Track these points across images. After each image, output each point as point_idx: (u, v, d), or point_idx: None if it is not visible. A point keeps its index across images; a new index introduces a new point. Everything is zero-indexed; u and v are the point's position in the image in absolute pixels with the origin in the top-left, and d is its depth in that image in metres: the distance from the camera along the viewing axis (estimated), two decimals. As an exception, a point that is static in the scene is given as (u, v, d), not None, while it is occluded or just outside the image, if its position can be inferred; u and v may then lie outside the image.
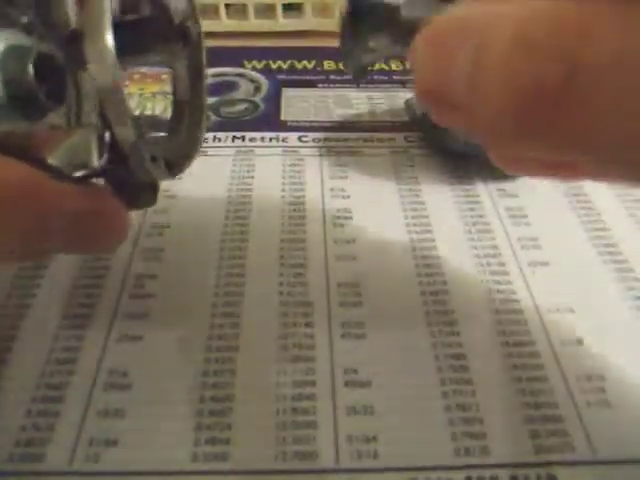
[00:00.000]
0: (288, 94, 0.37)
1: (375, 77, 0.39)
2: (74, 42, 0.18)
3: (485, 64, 0.10)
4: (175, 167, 0.19)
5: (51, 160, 0.15)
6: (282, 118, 0.34)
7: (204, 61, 0.21)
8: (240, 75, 0.38)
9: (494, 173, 0.29)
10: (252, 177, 0.29)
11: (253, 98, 0.36)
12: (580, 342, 0.21)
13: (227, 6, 0.43)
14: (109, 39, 0.14)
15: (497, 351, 0.21)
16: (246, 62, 0.40)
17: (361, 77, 0.29)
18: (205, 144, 0.31)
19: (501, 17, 0.10)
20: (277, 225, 0.26)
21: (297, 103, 0.36)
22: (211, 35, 0.44)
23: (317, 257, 0.25)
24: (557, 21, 0.09)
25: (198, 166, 0.30)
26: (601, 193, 0.28)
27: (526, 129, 0.10)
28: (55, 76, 0.17)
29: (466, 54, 0.10)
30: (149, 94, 0.36)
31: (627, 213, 0.27)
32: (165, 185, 0.29)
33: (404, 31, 0.23)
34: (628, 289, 0.23)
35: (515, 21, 0.09)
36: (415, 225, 0.26)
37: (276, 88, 0.37)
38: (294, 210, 0.27)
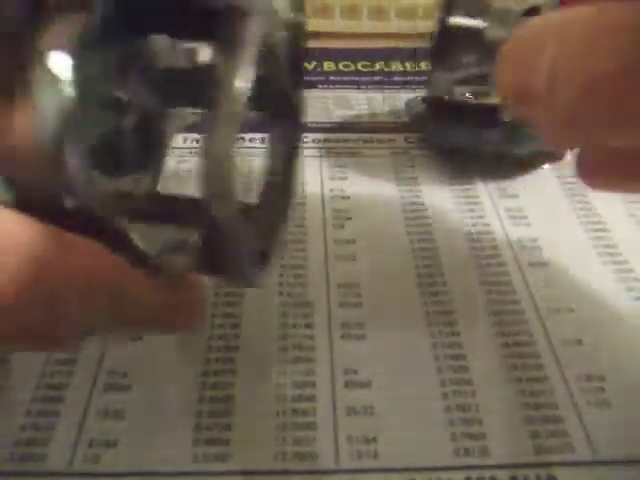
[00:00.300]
0: (288, 95, 0.37)
1: (375, 78, 0.39)
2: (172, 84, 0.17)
3: (563, 60, 0.11)
4: (263, 261, 0.17)
5: (139, 243, 0.14)
6: (282, 119, 0.34)
7: (301, 134, 0.20)
8: (240, 76, 0.38)
9: (494, 173, 0.29)
10: (252, 178, 0.29)
11: (253, 99, 0.36)
12: (580, 342, 0.21)
13: (227, 7, 0.43)
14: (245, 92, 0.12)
15: (497, 351, 0.21)
16: (246, 63, 0.40)
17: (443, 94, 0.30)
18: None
19: (576, 20, 0.11)
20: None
21: (297, 104, 0.36)
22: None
23: (317, 257, 0.25)
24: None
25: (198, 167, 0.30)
26: (601, 194, 0.28)
27: (609, 110, 0.11)
28: (148, 135, 0.17)
29: (547, 50, 0.11)
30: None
31: (627, 213, 0.27)
32: (164, 185, 0.29)
33: (488, 51, 0.24)
34: (628, 289, 0.23)
35: (587, 19, 0.11)
36: (415, 225, 0.26)
37: (276, 89, 0.37)
38: (294, 210, 0.27)
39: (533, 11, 0.25)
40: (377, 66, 0.40)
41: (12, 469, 0.18)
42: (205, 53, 0.16)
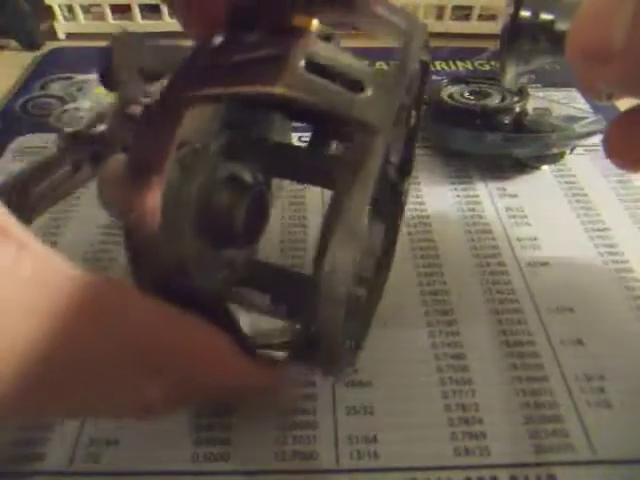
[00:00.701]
0: (288, 94, 0.36)
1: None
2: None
3: None
4: (354, 351, 0.18)
5: (245, 329, 0.14)
6: (282, 118, 0.34)
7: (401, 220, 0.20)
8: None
9: (494, 174, 0.29)
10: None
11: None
12: (580, 342, 0.21)
13: (227, 6, 0.43)
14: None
15: (497, 351, 0.21)
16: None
17: (513, 86, 0.30)
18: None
19: None
20: (277, 225, 0.26)
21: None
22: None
23: (317, 257, 0.25)
24: None
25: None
26: (601, 193, 0.28)
27: None
28: (257, 208, 0.17)
29: (626, 9, 0.11)
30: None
31: (627, 213, 0.27)
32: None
33: (558, 43, 0.24)
34: (628, 289, 0.23)
35: None
36: (415, 225, 0.26)
37: (276, 88, 0.37)
38: (294, 210, 0.27)
39: None
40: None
41: (12, 469, 0.18)
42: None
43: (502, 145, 0.28)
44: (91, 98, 0.35)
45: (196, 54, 0.14)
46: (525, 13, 0.25)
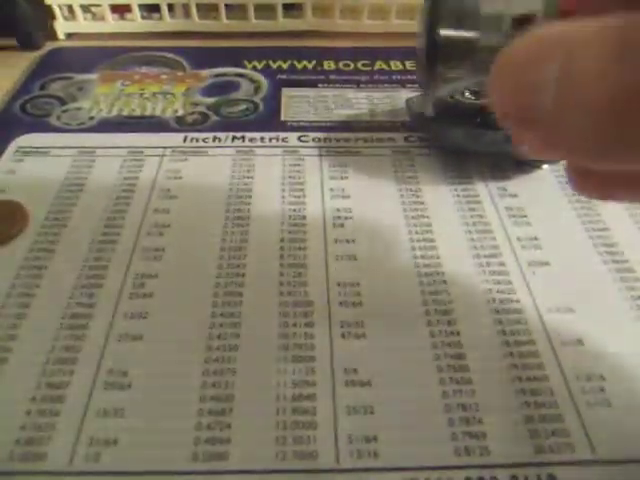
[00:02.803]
0: (288, 94, 0.37)
1: (375, 77, 0.39)
2: None
3: (577, 72, 0.09)
4: None
5: None
6: (282, 118, 0.34)
7: None
8: (240, 75, 0.38)
9: (494, 173, 0.29)
10: (252, 177, 0.29)
11: (253, 98, 0.36)
12: (580, 342, 0.21)
13: (227, 6, 0.43)
14: None
15: (497, 351, 0.21)
16: (246, 62, 0.40)
17: (436, 108, 0.29)
18: (205, 144, 0.31)
19: (588, 29, 0.09)
20: (277, 225, 0.26)
21: (297, 103, 0.36)
22: (211, 35, 0.44)
23: (317, 257, 0.25)
24: None
25: (198, 166, 0.30)
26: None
27: (622, 136, 0.09)
28: None
29: (552, 67, 0.10)
30: (149, 94, 0.36)
31: (627, 213, 0.27)
32: (165, 185, 0.29)
33: (482, 62, 0.23)
34: (628, 289, 0.23)
35: (611, 29, 0.09)
36: (415, 225, 0.26)
37: (276, 88, 0.37)
38: (294, 210, 0.27)
39: (525, 21, 0.23)
40: (377, 65, 0.40)
41: (12, 468, 0.18)
42: None
43: (502, 143, 0.28)
44: (91, 98, 0.35)
45: None
46: (445, 32, 0.23)
